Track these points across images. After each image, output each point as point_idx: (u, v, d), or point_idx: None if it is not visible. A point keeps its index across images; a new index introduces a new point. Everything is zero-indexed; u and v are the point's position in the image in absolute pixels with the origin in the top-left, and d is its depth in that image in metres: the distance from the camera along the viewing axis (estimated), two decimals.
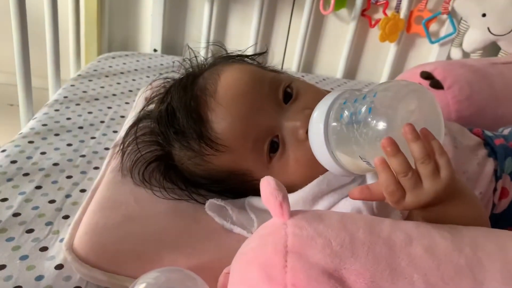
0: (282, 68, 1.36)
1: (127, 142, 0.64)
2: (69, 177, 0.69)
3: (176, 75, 0.68)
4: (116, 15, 1.30)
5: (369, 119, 0.44)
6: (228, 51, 0.70)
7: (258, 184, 0.57)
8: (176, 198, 0.59)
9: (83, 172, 0.71)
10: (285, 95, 0.59)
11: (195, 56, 0.68)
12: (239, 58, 0.67)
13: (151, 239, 0.53)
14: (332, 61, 1.35)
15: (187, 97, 0.58)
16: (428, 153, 0.42)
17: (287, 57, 1.36)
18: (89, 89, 0.98)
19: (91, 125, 0.84)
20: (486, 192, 0.65)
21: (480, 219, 0.51)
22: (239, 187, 0.60)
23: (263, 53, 0.71)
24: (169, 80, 0.67)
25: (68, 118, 0.85)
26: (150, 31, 1.30)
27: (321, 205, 0.56)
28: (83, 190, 0.66)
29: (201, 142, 0.57)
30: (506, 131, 0.77)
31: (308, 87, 0.61)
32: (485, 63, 1.00)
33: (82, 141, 0.79)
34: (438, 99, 0.89)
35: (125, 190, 0.60)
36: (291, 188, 0.58)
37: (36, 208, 0.61)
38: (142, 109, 0.67)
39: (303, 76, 1.27)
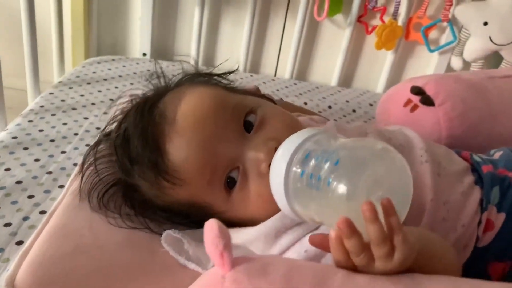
0: (275, 75, 1.33)
1: (86, 164, 0.60)
2: (30, 196, 0.66)
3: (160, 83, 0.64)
4: (105, 17, 1.27)
5: (330, 181, 0.40)
6: (198, 68, 0.66)
7: (221, 217, 0.54)
8: (133, 227, 0.56)
9: (46, 191, 0.68)
10: (249, 123, 0.55)
11: (162, 74, 0.64)
12: (206, 78, 0.63)
13: (100, 273, 0.50)
14: (327, 68, 1.31)
15: (144, 123, 0.54)
16: (384, 237, 0.39)
17: (280, 63, 1.31)
18: (68, 98, 0.95)
19: (64, 137, 0.81)
20: (469, 224, 0.61)
21: (449, 268, 0.48)
22: (202, 220, 0.56)
23: (234, 72, 0.67)
24: (136, 96, 0.63)
25: (41, 130, 0.83)
26: (139, 35, 1.26)
27: (285, 240, 0.53)
28: (43, 212, 0.63)
29: (157, 174, 0.53)
30: (497, 155, 0.73)
31: (276, 114, 0.57)
32: (482, 76, 0.95)
33: (51, 156, 0.76)
34: (429, 116, 0.86)
35: (81, 216, 0.57)
36: (253, 221, 0.54)
37: None
38: (104, 129, 0.63)
39: (295, 84, 1.23)
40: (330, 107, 1.12)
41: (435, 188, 0.60)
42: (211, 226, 0.39)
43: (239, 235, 0.54)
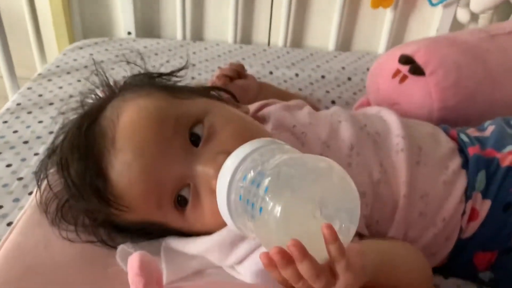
0: (269, 44, 1.26)
1: (42, 175, 0.58)
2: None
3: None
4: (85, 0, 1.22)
5: (261, 210, 0.37)
6: (141, 69, 0.61)
7: (180, 231, 0.52)
8: (88, 241, 0.54)
9: (15, 200, 0.67)
10: (196, 135, 0.50)
11: (106, 80, 0.59)
12: (148, 84, 0.57)
13: None
14: (323, 32, 1.23)
15: (83, 145, 0.50)
16: (317, 273, 0.36)
17: (273, 31, 1.24)
18: (46, 92, 0.93)
19: (38, 137, 0.80)
20: (452, 217, 0.56)
21: (417, 276, 0.44)
22: (160, 234, 0.54)
23: (182, 69, 0.61)
24: (86, 103, 0.59)
25: (15, 132, 0.81)
26: (121, 13, 1.21)
27: (242, 250, 0.50)
28: (10, 224, 0.63)
29: (101, 201, 0.50)
30: (489, 129, 0.66)
31: (225, 123, 0.52)
32: (482, 36, 0.86)
33: (23, 160, 0.75)
34: (419, 87, 0.79)
35: (39, 232, 0.55)
36: (212, 233, 0.51)
37: None
38: (54, 140, 0.60)
39: (287, 53, 1.16)
40: (323, 76, 1.05)
41: (410, 181, 0.55)
42: (131, 265, 0.37)
43: (195, 245, 0.52)
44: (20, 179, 0.71)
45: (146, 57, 1.09)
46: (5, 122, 0.83)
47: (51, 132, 0.81)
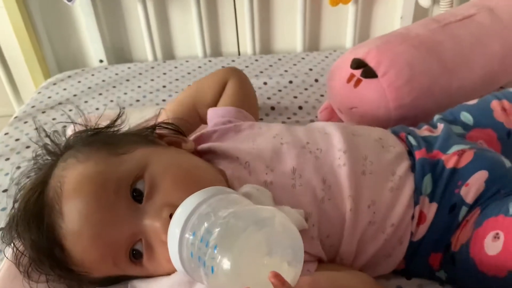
0: (239, 53, 1.28)
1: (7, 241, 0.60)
2: None
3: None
4: (54, 33, 1.24)
5: (213, 269, 0.40)
6: (82, 125, 0.63)
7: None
8: None
9: None
10: (139, 192, 0.52)
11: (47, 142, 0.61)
12: (88, 143, 0.58)
13: None
14: (289, 35, 1.24)
15: (32, 217, 0.53)
16: None
17: (241, 40, 1.26)
18: (23, 135, 0.96)
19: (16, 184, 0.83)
20: (400, 222, 0.58)
21: None
22: (126, 279, 0.57)
23: (118, 118, 0.63)
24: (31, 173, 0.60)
25: None
26: (90, 42, 1.24)
27: (200, 286, 0.53)
28: None
29: (62, 269, 0.53)
30: (439, 127, 0.68)
31: (165, 172, 0.53)
32: (434, 27, 0.87)
33: (3, 209, 0.78)
34: (373, 89, 0.80)
35: (16, 283, 0.59)
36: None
37: None
38: (13, 205, 0.60)
39: (256, 61, 1.18)
40: (291, 82, 1.07)
41: (355, 194, 0.57)
42: None
43: (156, 285, 0.55)
44: (2, 235, 0.74)
45: (118, 84, 1.14)
46: None
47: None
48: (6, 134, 0.97)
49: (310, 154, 0.60)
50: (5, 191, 0.82)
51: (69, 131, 0.74)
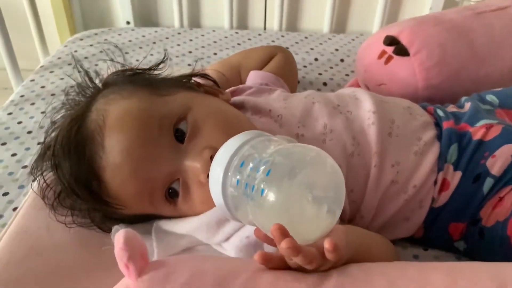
0: (265, 28, 1.28)
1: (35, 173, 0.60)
2: (5, 194, 0.70)
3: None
4: None
5: (263, 191, 0.40)
6: (125, 66, 0.64)
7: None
8: (85, 225, 0.58)
9: (21, 187, 0.71)
10: (181, 132, 0.53)
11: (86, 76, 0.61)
12: (130, 82, 0.59)
13: (51, 273, 0.53)
14: (318, 14, 1.25)
15: (72, 147, 0.53)
16: (310, 260, 0.39)
17: (268, 15, 1.26)
18: (48, 83, 0.97)
19: (41, 127, 0.84)
20: (423, 185, 0.59)
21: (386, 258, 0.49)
22: (153, 218, 0.58)
23: (163, 62, 0.64)
24: (69, 102, 0.61)
25: (19, 122, 0.85)
26: (119, 3, 1.24)
27: (229, 228, 0.53)
28: (15, 209, 0.67)
29: (97, 201, 0.54)
30: (466, 106, 0.69)
31: (208, 117, 0.54)
32: (468, 14, 0.87)
33: (27, 149, 0.79)
34: (404, 67, 0.81)
35: (41, 215, 0.60)
36: None
37: None
38: (45, 138, 0.61)
39: (282, 36, 1.18)
40: (316, 59, 1.08)
41: (381, 152, 0.59)
42: (117, 240, 0.40)
43: (184, 225, 0.56)
44: (24, 167, 0.75)
45: (145, 45, 1.14)
46: (10, 113, 0.88)
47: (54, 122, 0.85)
48: (32, 80, 0.98)
49: (341, 114, 0.61)
50: (29, 132, 0.83)
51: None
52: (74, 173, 0.54)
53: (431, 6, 1.19)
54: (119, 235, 0.40)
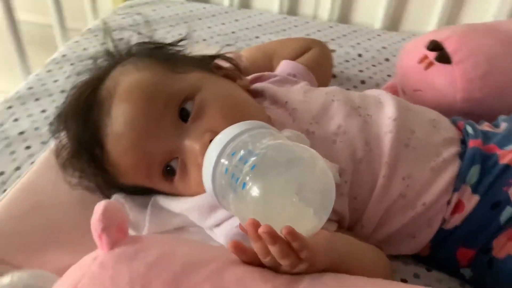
0: (315, 17, 1.25)
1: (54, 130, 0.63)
2: (28, 147, 0.73)
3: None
4: None
5: (245, 184, 0.40)
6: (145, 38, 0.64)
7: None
8: (88, 188, 0.59)
9: (43, 143, 0.74)
10: (186, 111, 0.53)
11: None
12: (150, 55, 0.59)
13: (51, 231, 0.55)
14: (372, 8, 1.19)
15: (81, 109, 0.55)
16: (286, 253, 0.39)
17: (320, 3, 1.22)
18: (91, 47, 0.99)
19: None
20: (433, 203, 0.56)
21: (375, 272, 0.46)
22: (151, 192, 0.58)
23: (183, 40, 0.64)
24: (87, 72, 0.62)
25: (55, 81, 0.89)
26: None
27: (220, 215, 0.53)
28: (33, 163, 0.70)
29: (98, 166, 0.56)
30: (503, 126, 0.63)
31: (215, 100, 0.54)
32: None
33: (57, 107, 0.82)
34: (444, 75, 0.76)
35: (51, 173, 0.62)
36: None
37: None
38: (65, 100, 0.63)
39: (330, 27, 1.15)
40: (360, 55, 1.03)
41: (392, 162, 0.56)
42: (96, 210, 0.41)
43: (178, 204, 0.56)
44: (51, 124, 0.78)
45: (190, 20, 1.14)
46: (49, 71, 0.91)
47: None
48: (76, 42, 1.01)
49: (360, 117, 0.59)
50: (63, 92, 0.86)
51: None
52: (79, 135, 0.55)
53: (495, 13, 1.10)
54: (99, 206, 0.41)
